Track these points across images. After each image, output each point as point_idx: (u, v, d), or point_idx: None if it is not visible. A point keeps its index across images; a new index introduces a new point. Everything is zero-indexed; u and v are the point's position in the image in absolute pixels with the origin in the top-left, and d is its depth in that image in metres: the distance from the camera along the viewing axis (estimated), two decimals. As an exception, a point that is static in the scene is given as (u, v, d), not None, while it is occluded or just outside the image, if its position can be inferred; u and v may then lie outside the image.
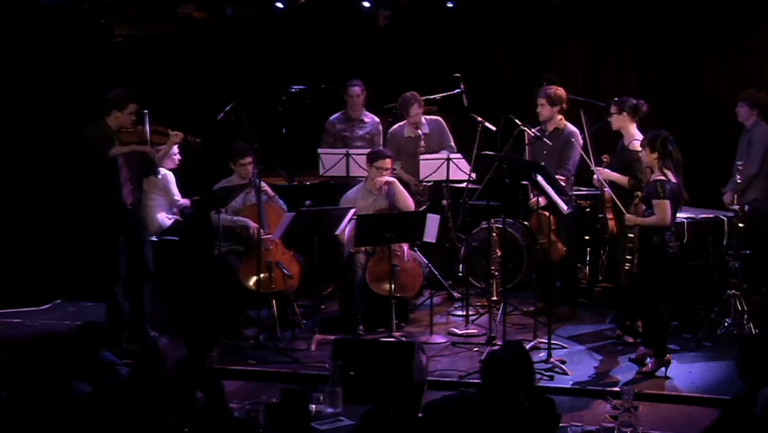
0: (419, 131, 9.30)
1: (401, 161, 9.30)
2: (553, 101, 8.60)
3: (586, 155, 8.25)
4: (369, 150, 8.95)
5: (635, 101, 8.16)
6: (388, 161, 8.57)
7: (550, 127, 8.65)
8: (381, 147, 9.30)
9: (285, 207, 8.58)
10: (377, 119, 9.56)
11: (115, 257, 7.86)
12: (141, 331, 7.86)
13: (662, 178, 7.16)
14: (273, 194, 8.66)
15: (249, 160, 8.33)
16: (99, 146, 7.70)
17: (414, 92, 9.31)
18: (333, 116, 9.51)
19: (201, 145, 8.24)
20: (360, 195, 8.66)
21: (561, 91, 8.67)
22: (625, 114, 8.13)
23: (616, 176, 8.00)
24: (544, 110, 8.62)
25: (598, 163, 8.20)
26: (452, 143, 9.42)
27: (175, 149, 8.69)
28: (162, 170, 8.66)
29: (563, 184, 8.26)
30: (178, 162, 8.83)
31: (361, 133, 9.46)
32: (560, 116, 8.67)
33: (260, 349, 7.88)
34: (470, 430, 4.97)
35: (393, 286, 8.15)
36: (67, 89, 9.87)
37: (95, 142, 7.74)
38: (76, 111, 9.68)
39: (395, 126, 9.52)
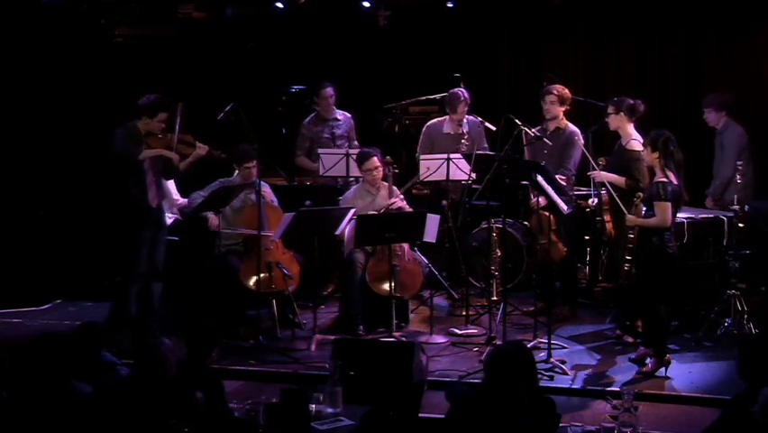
0: (461, 129, 9.25)
1: None
2: (562, 100, 8.62)
3: (589, 155, 8.23)
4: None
5: (632, 101, 8.16)
6: (374, 159, 8.57)
7: (552, 126, 8.65)
8: (356, 141, 9.35)
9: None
10: (348, 114, 9.61)
11: (136, 255, 7.89)
12: (150, 331, 7.86)
13: (664, 179, 7.16)
14: (273, 199, 8.68)
15: (253, 163, 8.35)
16: (127, 148, 7.77)
17: (464, 90, 9.27)
18: (306, 120, 9.53)
19: (226, 160, 8.31)
20: (358, 195, 8.66)
21: (567, 91, 8.70)
22: (622, 114, 8.12)
23: (613, 177, 7.98)
24: (552, 108, 8.61)
25: (596, 166, 8.18)
26: (487, 146, 9.30)
27: None
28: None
29: (564, 184, 8.26)
30: None
31: (339, 132, 9.49)
32: (562, 116, 8.68)
33: (260, 349, 7.88)
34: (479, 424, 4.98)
35: (393, 286, 8.15)
36: (67, 89, 9.87)
37: (123, 144, 7.81)
38: (76, 111, 9.69)
39: (433, 120, 9.48)
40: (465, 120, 9.30)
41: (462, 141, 9.16)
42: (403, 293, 8.42)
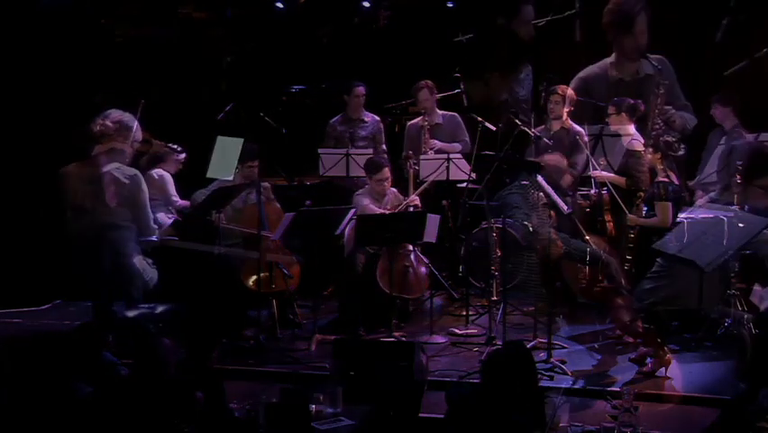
0: (428, 121, 9.24)
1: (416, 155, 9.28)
2: (567, 100, 8.64)
3: (590, 155, 8.24)
4: (372, 149, 9.00)
5: (632, 101, 8.19)
6: (385, 170, 8.56)
7: (556, 126, 8.67)
8: (384, 145, 9.32)
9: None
10: (377, 117, 9.55)
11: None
12: (148, 332, 7.85)
13: (666, 180, 7.18)
14: (273, 197, 8.69)
15: (256, 163, 8.35)
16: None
17: (428, 81, 9.29)
18: (334, 119, 9.48)
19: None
20: (367, 195, 8.64)
21: (572, 91, 8.74)
22: (623, 114, 8.15)
23: (613, 177, 7.99)
24: (557, 108, 8.66)
25: (596, 166, 8.20)
26: (467, 139, 9.35)
27: (181, 155, 8.82)
28: (160, 171, 8.72)
29: (570, 183, 8.30)
30: (179, 168, 8.89)
31: (363, 133, 9.45)
32: (566, 116, 8.70)
33: (260, 349, 7.89)
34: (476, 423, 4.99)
35: (401, 285, 8.17)
36: (67, 90, 9.87)
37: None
38: (76, 111, 9.69)
39: (412, 121, 9.53)
40: (441, 114, 9.32)
41: (425, 133, 9.17)
42: (410, 293, 8.44)
